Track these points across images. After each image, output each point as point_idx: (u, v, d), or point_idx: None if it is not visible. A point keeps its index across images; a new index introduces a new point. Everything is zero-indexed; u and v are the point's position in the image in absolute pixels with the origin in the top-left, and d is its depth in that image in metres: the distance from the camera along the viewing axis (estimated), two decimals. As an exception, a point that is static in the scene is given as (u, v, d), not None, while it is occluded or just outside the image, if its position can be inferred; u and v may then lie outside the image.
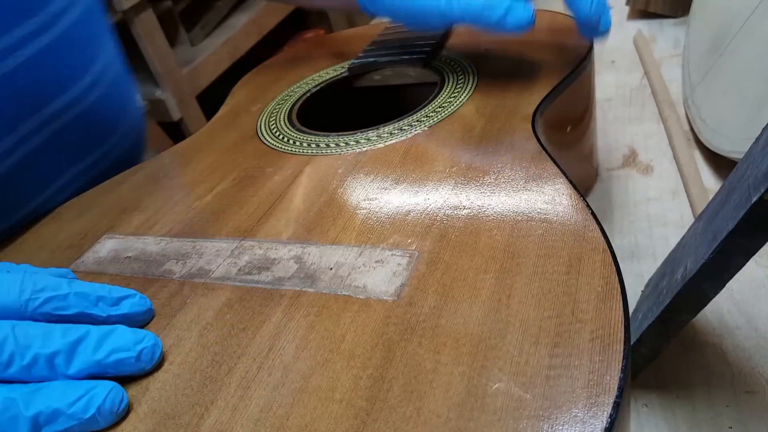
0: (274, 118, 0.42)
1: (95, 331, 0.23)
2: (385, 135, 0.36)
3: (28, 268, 0.28)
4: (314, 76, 0.48)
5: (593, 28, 0.35)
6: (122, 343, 0.23)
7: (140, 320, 0.26)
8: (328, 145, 0.37)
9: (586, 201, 0.27)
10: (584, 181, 0.44)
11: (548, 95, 0.36)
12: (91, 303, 0.25)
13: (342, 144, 0.36)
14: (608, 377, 0.19)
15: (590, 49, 0.40)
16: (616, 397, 0.18)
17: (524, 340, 0.21)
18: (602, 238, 0.24)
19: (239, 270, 0.28)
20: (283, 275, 0.27)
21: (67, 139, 0.42)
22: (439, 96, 0.39)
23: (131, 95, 0.52)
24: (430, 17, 0.36)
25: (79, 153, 0.44)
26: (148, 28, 1.09)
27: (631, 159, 0.48)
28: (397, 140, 0.35)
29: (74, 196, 0.40)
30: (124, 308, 0.25)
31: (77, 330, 0.23)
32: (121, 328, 0.24)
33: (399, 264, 0.26)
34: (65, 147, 0.42)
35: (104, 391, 0.22)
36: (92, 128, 0.45)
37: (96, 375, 0.23)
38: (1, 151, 0.38)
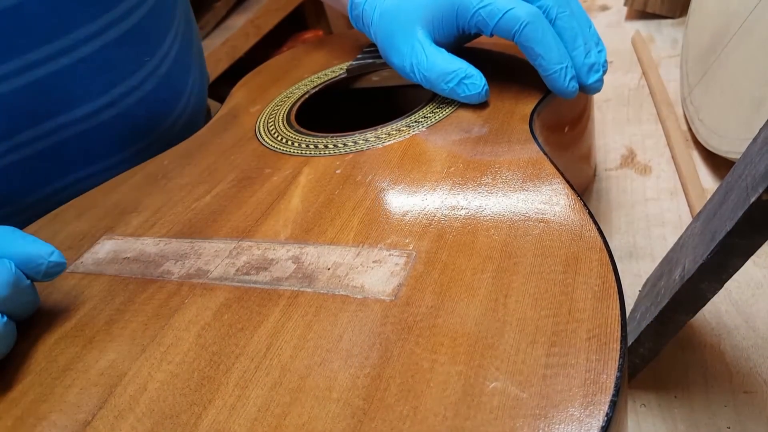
0: (272, 119, 0.43)
1: None
2: (383, 136, 0.36)
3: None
4: (313, 77, 0.48)
5: (572, 94, 0.35)
6: None
7: None
8: (326, 146, 0.37)
9: (583, 201, 0.27)
10: (582, 182, 0.44)
11: (546, 96, 0.36)
12: None
13: (340, 145, 0.36)
14: (605, 376, 0.19)
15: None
16: (613, 395, 0.18)
17: (521, 339, 0.21)
18: (599, 238, 0.24)
19: (237, 270, 0.28)
20: (281, 275, 0.27)
21: (118, 126, 0.45)
22: (437, 97, 0.39)
23: (186, 81, 0.54)
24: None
25: (132, 136, 0.47)
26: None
27: (629, 159, 0.48)
28: (395, 141, 0.35)
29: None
30: None
31: None
32: None
33: (396, 264, 0.26)
34: (116, 133, 0.46)
35: None
36: (149, 114, 0.48)
37: None
38: (64, 122, 0.42)
